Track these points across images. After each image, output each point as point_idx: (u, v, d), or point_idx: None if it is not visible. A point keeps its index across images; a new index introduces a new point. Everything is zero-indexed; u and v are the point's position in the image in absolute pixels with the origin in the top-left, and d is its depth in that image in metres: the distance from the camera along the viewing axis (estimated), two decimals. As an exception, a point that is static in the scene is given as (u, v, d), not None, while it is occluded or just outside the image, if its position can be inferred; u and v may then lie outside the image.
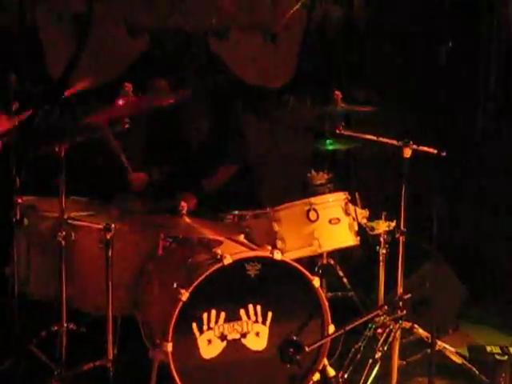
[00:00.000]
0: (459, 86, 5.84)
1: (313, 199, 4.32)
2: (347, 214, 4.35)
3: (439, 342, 4.22)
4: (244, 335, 3.85)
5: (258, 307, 3.87)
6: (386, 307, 4.18)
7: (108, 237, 3.78)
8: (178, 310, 3.67)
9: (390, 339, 4.14)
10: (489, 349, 4.44)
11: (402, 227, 4.18)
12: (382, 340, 4.14)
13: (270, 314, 3.89)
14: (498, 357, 4.36)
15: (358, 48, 6.20)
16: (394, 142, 4.22)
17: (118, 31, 5.75)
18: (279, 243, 4.21)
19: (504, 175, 5.73)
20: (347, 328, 4.00)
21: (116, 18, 5.71)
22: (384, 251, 4.29)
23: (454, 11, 5.95)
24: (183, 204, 3.96)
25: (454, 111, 5.77)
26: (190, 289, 3.69)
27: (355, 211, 4.38)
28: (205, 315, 3.77)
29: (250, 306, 3.86)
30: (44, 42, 5.65)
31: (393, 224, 4.27)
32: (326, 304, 3.95)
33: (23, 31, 5.58)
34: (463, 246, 5.87)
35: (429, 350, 4.11)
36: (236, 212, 4.37)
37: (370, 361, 4.08)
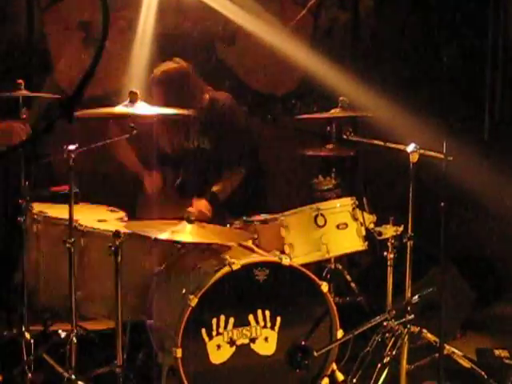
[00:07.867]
0: (466, 89, 5.86)
1: (320, 204, 4.33)
2: (355, 219, 4.36)
3: (447, 347, 4.22)
4: (253, 340, 3.86)
5: (267, 312, 3.88)
6: (394, 312, 4.18)
7: (117, 243, 3.78)
8: (187, 316, 3.69)
9: (399, 344, 4.14)
10: (497, 353, 4.45)
11: (409, 232, 4.19)
12: (390, 344, 4.14)
13: (278, 319, 3.90)
14: (506, 361, 4.36)
15: (364, 53, 6.21)
16: (401, 146, 4.23)
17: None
18: (287, 248, 4.22)
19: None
20: (356, 333, 4.01)
21: (123, 25, 5.73)
22: (392, 256, 4.29)
23: (459, 14, 5.96)
24: (191, 209, 3.99)
25: (461, 115, 5.79)
26: (199, 294, 3.71)
27: (363, 216, 4.39)
28: (214, 321, 3.78)
29: (259, 311, 3.87)
30: (52, 49, 5.68)
31: (400, 229, 4.27)
32: (335, 309, 3.96)
33: (31, 39, 5.60)
34: (472, 250, 5.87)
35: (437, 355, 4.11)
36: (244, 218, 4.38)
37: (379, 365, 4.08)
